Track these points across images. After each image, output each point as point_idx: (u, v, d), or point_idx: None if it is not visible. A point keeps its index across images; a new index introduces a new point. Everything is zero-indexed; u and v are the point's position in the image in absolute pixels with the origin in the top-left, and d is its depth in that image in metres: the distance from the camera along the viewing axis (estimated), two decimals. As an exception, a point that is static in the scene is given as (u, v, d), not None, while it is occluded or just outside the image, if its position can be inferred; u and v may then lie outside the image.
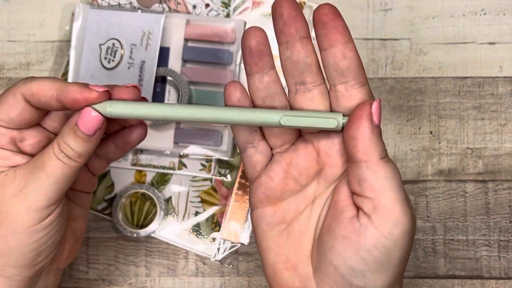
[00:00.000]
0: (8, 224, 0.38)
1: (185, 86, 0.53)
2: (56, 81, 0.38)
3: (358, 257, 0.35)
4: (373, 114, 0.35)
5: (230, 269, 0.54)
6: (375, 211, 0.35)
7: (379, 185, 0.35)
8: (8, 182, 0.38)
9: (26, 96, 0.38)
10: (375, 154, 0.35)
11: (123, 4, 0.55)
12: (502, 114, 0.55)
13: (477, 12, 0.55)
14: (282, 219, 0.39)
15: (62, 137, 0.37)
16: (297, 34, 0.36)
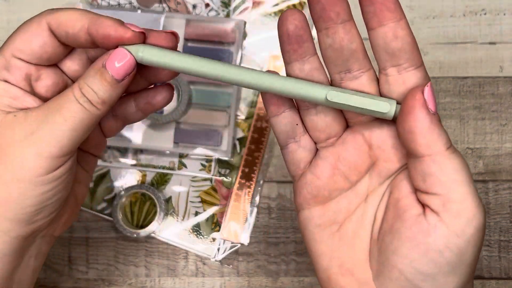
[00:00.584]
0: (14, 170, 0.33)
1: (185, 85, 0.53)
2: (87, 13, 0.33)
3: (428, 259, 0.31)
4: (427, 101, 0.31)
5: (230, 269, 0.54)
6: (445, 208, 0.31)
7: (448, 179, 0.31)
8: (17, 123, 0.34)
9: (52, 25, 0.34)
10: (439, 145, 0.31)
11: (123, 4, 0.55)
12: (503, 114, 0.55)
13: (478, 12, 0.55)
14: (332, 220, 0.35)
15: (85, 80, 0.33)
16: (338, 19, 0.32)
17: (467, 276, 0.32)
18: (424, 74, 0.33)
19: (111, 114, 0.38)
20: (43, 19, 0.34)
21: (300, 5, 0.55)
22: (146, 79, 0.37)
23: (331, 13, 0.32)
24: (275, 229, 0.55)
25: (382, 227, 0.34)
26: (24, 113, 0.34)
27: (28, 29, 0.34)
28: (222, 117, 0.54)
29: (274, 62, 0.55)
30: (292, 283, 0.54)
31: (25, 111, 0.34)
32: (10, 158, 0.34)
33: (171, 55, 0.33)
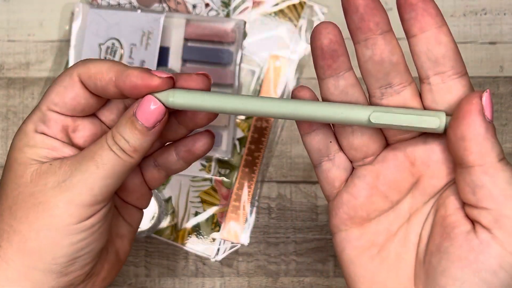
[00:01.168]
0: (44, 218, 0.33)
1: (185, 86, 0.53)
2: (116, 64, 0.33)
3: (480, 279, 0.29)
4: (484, 108, 0.29)
5: (230, 270, 0.54)
6: (498, 224, 0.29)
7: (500, 193, 0.29)
8: (51, 171, 0.33)
9: (82, 77, 0.34)
10: (492, 156, 0.29)
11: (123, 4, 0.55)
12: (503, 114, 0.55)
13: (478, 12, 0.55)
14: (372, 242, 0.33)
15: (117, 128, 0.33)
16: (377, 29, 0.31)
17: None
18: (469, 83, 0.31)
19: (153, 164, 0.38)
20: (74, 71, 0.34)
21: (300, 5, 0.55)
22: (184, 125, 0.36)
23: (371, 23, 0.31)
24: (275, 229, 0.55)
25: (429, 248, 0.32)
26: (60, 162, 0.34)
27: (61, 82, 0.34)
28: (222, 117, 0.54)
29: (274, 62, 0.55)
30: (292, 283, 0.54)
31: (60, 160, 0.34)
32: (42, 206, 0.33)
33: (204, 96, 0.32)
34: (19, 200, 0.33)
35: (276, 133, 0.55)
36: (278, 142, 0.55)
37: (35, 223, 0.33)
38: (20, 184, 0.34)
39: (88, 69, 0.34)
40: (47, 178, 0.33)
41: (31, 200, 0.33)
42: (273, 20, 0.55)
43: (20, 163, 0.34)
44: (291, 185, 0.55)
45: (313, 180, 0.55)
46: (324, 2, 0.55)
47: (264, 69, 0.55)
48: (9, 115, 0.55)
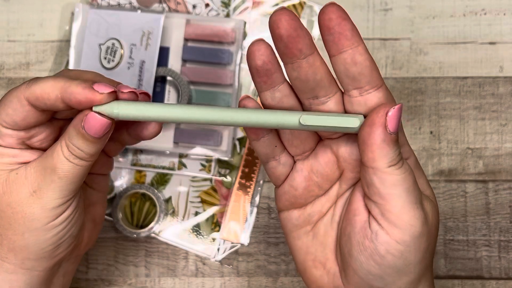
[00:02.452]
0: (25, 223, 0.38)
1: (185, 86, 0.53)
2: (58, 81, 0.36)
3: (373, 262, 0.35)
4: (387, 121, 0.34)
5: (230, 269, 0.54)
6: (383, 217, 0.35)
7: (386, 192, 0.35)
8: (20, 181, 0.38)
9: (31, 100, 0.36)
10: (383, 162, 0.34)
11: (123, 4, 0.55)
12: (503, 114, 0.55)
13: (478, 12, 0.55)
14: (307, 221, 0.39)
15: (70, 140, 0.36)
16: (301, 54, 0.34)
17: (417, 273, 0.36)
18: (386, 93, 0.35)
19: (110, 139, 0.39)
20: (21, 95, 0.37)
21: (300, 5, 0.55)
22: (131, 136, 0.41)
23: (294, 50, 0.34)
24: (275, 229, 0.55)
25: (340, 229, 0.38)
26: (24, 170, 0.38)
27: (10, 104, 0.37)
28: (222, 117, 0.54)
29: (274, 62, 0.55)
30: (292, 283, 0.54)
31: (24, 167, 0.38)
32: (21, 215, 0.38)
33: (147, 106, 0.35)
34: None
35: (276, 133, 0.55)
36: (278, 142, 0.55)
37: (18, 228, 0.38)
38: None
39: (34, 91, 0.36)
40: (18, 188, 0.38)
41: (9, 209, 0.38)
42: (273, 20, 0.55)
43: None
44: (291, 185, 0.55)
45: (313, 180, 0.55)
46: (324, 2, 0.55)
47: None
48: (9, 115, 0.55)
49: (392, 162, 0.34)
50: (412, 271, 0.36)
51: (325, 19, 0.33)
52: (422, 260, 0.36)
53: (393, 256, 0.35)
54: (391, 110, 0.34)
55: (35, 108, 0.37)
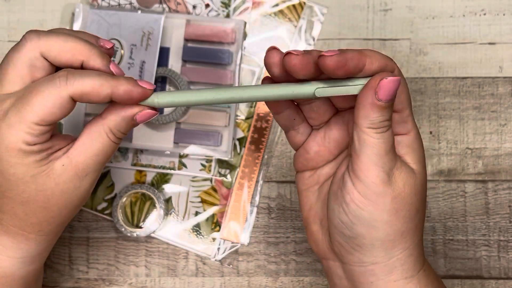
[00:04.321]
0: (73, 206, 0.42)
1: (185, 86, 0.53)
2: (107, 79, 0.38)
3: (343, 210, 0.39)
4: (378, 87, 0.37)
5: (230, 269, 0.54)
6: (352, 170, 0.39)
7: (359, 149, 0.38)
8: (69, 171, 0.40)
9: (75, 97, 0.38)
10: (364, 122, 0.38)
11: (123, 4, 0.55)
12: (502, 114, 0.55)
13: (477, 12, 0.55)
14: (316, 181, 0.43)
15: (117, 127, 0.40)
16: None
17: (386, 233, 0.39)
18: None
19: None
20: (64, 93, 0.38)
21: (300, 5, 0.55)
22: None
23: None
24: (275, 229, 0.55)
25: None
26: (68, 159, 0.40)
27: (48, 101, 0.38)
28: (222, 117, 0.54)
29: (274, 62, 0.55)
30: (292, 283, 0.54)
31: (67, 157, 0.40)
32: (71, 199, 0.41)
33: (180, 94, 0.39)
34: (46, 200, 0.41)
35: (276, 133, 0.55)
36: (278, 142, 0.55)
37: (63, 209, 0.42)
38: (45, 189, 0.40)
39: (82, 89, 0.38)
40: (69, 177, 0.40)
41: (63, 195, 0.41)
42: (273, 21, 0.55)
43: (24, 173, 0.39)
44: (291, 185, 0.55)
45: (313, 180, 0.55)
46: (323, 2, 0.56)
47: (264, 69, 0.55)
48: (9, 115, 0.56)
49: (372, 125, 0.38)
50: (380, 228, 0.39)
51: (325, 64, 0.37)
52: (391, 223, 0.39)
53: (356, 205, 0.39)
54: (384, 80, 0.37)
55: (74, 101, 0.39)
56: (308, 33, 0.55)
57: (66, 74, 0.38)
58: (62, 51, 0.39)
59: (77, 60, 0.39)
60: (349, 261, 0.41)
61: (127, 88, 0.38)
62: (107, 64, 0.40)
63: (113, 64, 0.40)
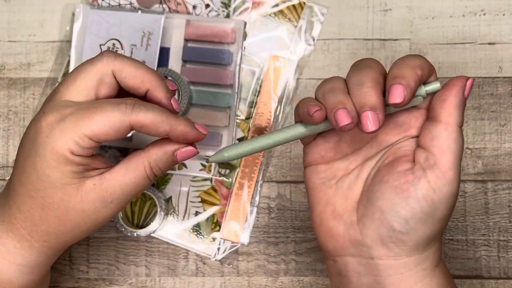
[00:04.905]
0: (88, 227, 0.42)
1: (185, 86, 0.53)
2: (168, 117, 0.40)
3: (406, 204, 0.39)
4: (466, 87, 0.40)
5: (230, 269, 0.54)
6: (433, 167, 0.40)
7: (447, 146, 0.40)
8: (97, 192, 0.41)
9: (136, 127, 0.40)
10: (457, 120, 0.40)
11: (123, 5, 0.56)
12: (502, 114, 0.55)
13: (477, 12, 0.55)
14: (333, 175, 0.43)
15: (157, 162, 0.41)
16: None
17: (435, 230, 0.40)
18: None
19: None
20: (126, 118, 0.39)
21: (300, 5, 0.55)
22: None
23: None
24: (275, 229, 0.55)
25: (374, 179, 0.42)
26: (100, 181, 0.41)
27: (110, 123, 0.39)
28: (222, 117, 0.54)
29: (274, 62, 0.55)
30: (292, 283, 0.54)
31: (100, 179, 0.41)
32: (90, 220, 0.42)
33: (246, 146, 0.42)
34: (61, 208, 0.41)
35: (276, 133, 0.55)
36: (278, 142, 0.55)
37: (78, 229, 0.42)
38: (69, 200, 0.40)
39: (143, 121, 0.40)
40: (95, 198, 0.41)
41: (81, 214, 0.41)
42: (273, 21, 0.55)
43: (57, 179, 0.40)
44: (291, 185, 0.55)
45: (313, 180, 0.55)
46: (324, 2, 0.56)
47: (264, 69, 0.55)
48: (10, 115, 0.56)
49: (461, 123, 0.40)
50: (432, 225, 0.40)
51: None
52: (441, 221, 0.40)
53: (426, 202, 0.39)
54: (469, 80, 0.40)
55: (131, 130, 0.40)
56: (308, 33, 0.55)
57: (134, 103, 0.40)
58: (133, 75, 0.41)
59: (144, 87, 0.41)
60: (382, 255, 0.41)
61: (184, 129, 0.40)
62: (169, 98, 0.42)
63: (174, 100, 0.42)
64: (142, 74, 0.41)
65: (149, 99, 0.42)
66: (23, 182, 0.41)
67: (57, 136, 0.39)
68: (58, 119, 0.40)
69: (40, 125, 0.40)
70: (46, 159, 0.40)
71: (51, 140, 0.39)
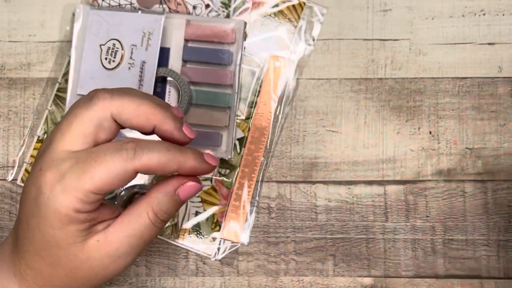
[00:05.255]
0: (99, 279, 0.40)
1: (185, 86, 0.53)
2: (175, 155, 0.37)
3: None
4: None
5: (230, 269, 0.55)
6: None
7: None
8: (103, 248, 0.39)
9: (141, 171, 0.37)
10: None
11: (124, 5, 0.56)
12: (501, 114, 0.55)
13: (477, 12, 0.56)
14: None
15: (159, 206, 0.39)
16: None
17: None
18: None
19: None
20: (130, 166, 0.37)
21: (300, 6, 0.55)
22: None
23: None
24: (275, 228, 0.55)
25: None
26: (105, 236, 0.39)
27: (115, 172, 0.37)
28: (222, 117, 0.54)
29: (274, 62, 0.55)
30: (292, 283, 0.54)
31: (104, 234, 0.39)
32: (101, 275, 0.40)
33: None
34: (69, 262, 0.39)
35: (276, 133, 0.55)
36: (278, 142, 0.55)
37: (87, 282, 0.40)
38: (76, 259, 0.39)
39: (149, 165, 0.37)
40: (102, 255, 0.39)
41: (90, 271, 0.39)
42: (273, 21, 0.55)
43: (62, 239, 0.38)
44: (291, 185, 0.55)
45: (313, 180, 0.55)
46: (323, 2, 0.56)
47: (264, 69, 0.55)
48: (10, 115, 0.56)
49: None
50: None
51: None
52: None
53: None
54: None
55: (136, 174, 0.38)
56: (308, 33, 0.55)
57: (135, 147, 0.37)
58: (135, 114, 0.38)
59: (150, 125, 0.38)
60: None
61: (193, 165, 0.38)
62: (180, 127, 0.39)
63: (186, 126, 0.40)
64: (145, 110, 0.38)
65: (159, 134, 0.39)
66: (30, 241, 0.39)
67: (58, 196, 0.37)
68: (58, 177, 0.37)
69: (40, 185, 0.37)
70: (49, 220, 0.37)
71: (53, 202, 0.37)
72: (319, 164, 0.55)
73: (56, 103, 0.55)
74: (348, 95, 0.55)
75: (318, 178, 0.55)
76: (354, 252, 0.54)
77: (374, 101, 0.55)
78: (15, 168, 0.55)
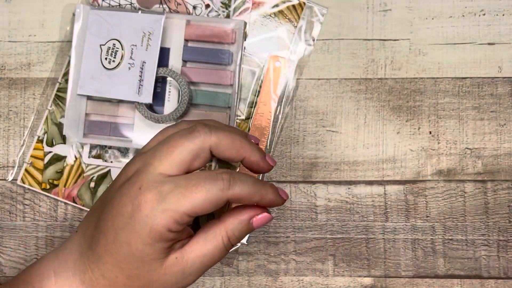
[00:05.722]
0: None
1: (185, 86, 0.53)
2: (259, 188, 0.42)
3: None
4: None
5: (230, 269, 0.55)
6: None
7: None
8: (179, 266, 0.42)
9: (232, 200, 0.41)
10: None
11: (124, 5, 0.56)
12: (501, 114, 0.55)
13: (476, 12, 0.56)
14: None
15: (233, 232, 0.43)
16: None
17: None
18: None
19: None
20: (224, 195, 0.40)
21: (300, 6, 0.55)
22: None
23: None
24: (275, 228, 0.55)
25: None
26: (181, 254, 0.42)
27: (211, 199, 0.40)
28: (222, 118, 0.54)
29: (274, 62, 0.55)
30: (292, 283, 0.54)
31: (181, 253, 0.42)
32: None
33: None
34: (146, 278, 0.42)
35: (276, 133, 0.55)
36: (278, 142, 0.55)
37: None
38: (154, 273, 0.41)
39: (239, 194, 0.41)
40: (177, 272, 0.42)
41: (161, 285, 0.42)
42: (273, 21, 0.56)
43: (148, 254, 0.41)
44: (290, 185, 0.55)
45: (313, 180, 0.55)
46: (323, 2, 0.56)
47: (264, 69, 0.55)
48: (10, 115, 0.56)
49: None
50: None
51: None
52: None
53: None
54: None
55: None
56: (308, 33, 0.55)
57: (229, 178, 0.41)
58: (229, 148, 0.42)
59: (241, 156, 0.43)
60: None
61: (271, 199, 0.42)
62: (264, 158, 0.44)
63: (268, 157, 0.45)
64: (237, 145, 0.43)
65: (247, 164, 0.44)
66: (112, 253, 0.41)
67: (158, 216, 0.40)
68: (158, 199, 0.40)
69: (139, 202, 0.40)
70: (142, 236, 0.40)
71: (151, 220, 0.40)
72: (319, 164, 0.55)
73: (56, 103, 0.55)
74: (348, 95, 0.55)
75: (318, 178, 0.55)
76: (354, 252, 0.54)
77: (374, 101, 0.55)
78: (15, 168, 0.55)
